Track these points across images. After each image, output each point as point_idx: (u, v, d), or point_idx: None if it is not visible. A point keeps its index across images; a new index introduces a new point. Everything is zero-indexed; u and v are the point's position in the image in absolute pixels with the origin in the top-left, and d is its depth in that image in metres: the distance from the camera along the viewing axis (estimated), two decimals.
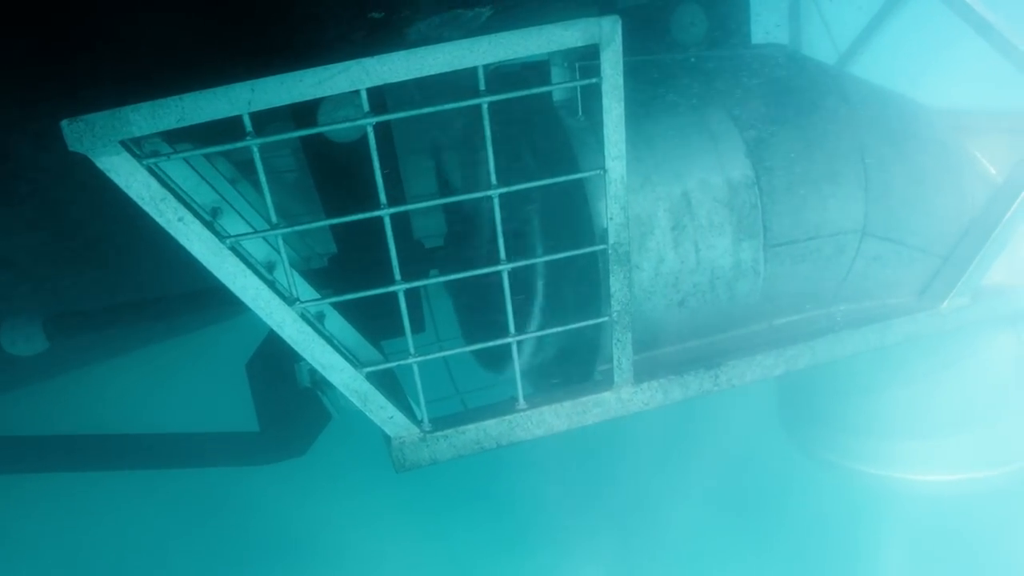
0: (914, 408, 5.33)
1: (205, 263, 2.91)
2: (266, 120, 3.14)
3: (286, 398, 4.43)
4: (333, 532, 8.59)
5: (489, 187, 3.23)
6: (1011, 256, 4.88)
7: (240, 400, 4.73)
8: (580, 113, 3.82)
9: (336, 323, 3.87)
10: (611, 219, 3.38)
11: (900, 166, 4.51)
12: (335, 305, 3.84)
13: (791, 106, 4.31)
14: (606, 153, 3.30)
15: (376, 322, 3.91)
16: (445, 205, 4.76)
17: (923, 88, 6.08)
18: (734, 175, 3.94)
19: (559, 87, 3.54)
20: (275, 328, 3.07)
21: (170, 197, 2.82)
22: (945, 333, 4.62)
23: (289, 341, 3.08)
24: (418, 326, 4.61)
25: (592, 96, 3.27)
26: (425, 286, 6.18)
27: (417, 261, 4.62)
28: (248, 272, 2.94)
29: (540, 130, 3.91)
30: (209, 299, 4.10)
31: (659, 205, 3.79)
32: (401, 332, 4.74)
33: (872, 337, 4.30)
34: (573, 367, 4.13)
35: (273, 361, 4.41)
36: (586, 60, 3.50)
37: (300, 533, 8.48)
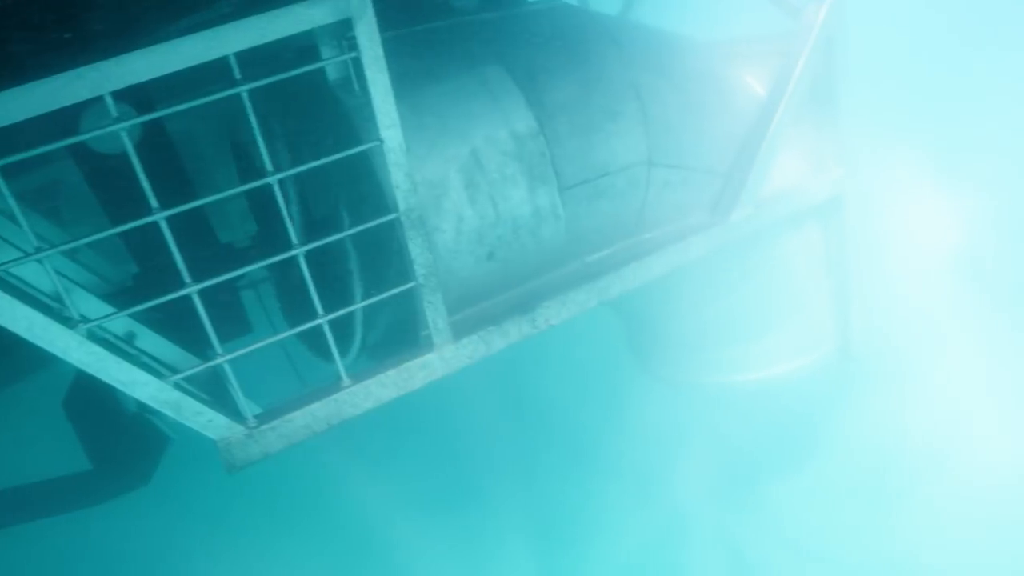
0: (734, 315, 5.84)
1: None
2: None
3: (114, 428, 4.23)
4: (198, 553, 8.33)
5: (289, 180, 3.24)
6: (784, 163, 5.41)
7: (68, 442, 4.48)
8: (357, 89, 3.84)
9: (149, 339, 3.74)
10: (397, 187, 3.46)
11: (675, 97, 4.87)
12: (144, 321, 3.73)
13: (566, 55, 4.53)
14: (379, 123, 3.37)
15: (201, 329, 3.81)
16: (250, 203, 4.67)
17: (698, 23, 6.56)
18: (518, 127, 4.12)
19: (320, 65, 3.52)
20: (60, 355, 2.94)
21: None
22: (739, 242, 5.08)
23: (79, 365, 2.96)
24: (242, 327, 4.52)
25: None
26: (257, 288, 6.09)
27: (228, 263, 4.51)
28: (15, 303, 2.79)
29: (320, 112, 3.91)
30: None
31: (449, 166, 3.91)
32: (237, 333, 4.65)
33: (674, 257, 4.65)
34: (402, 339, 4.21)
35: (92, 392, 4.19)
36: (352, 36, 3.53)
37: (163, 564, 8.15)
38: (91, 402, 4.19)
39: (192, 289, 3.14)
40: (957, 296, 7.26)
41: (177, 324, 3.69)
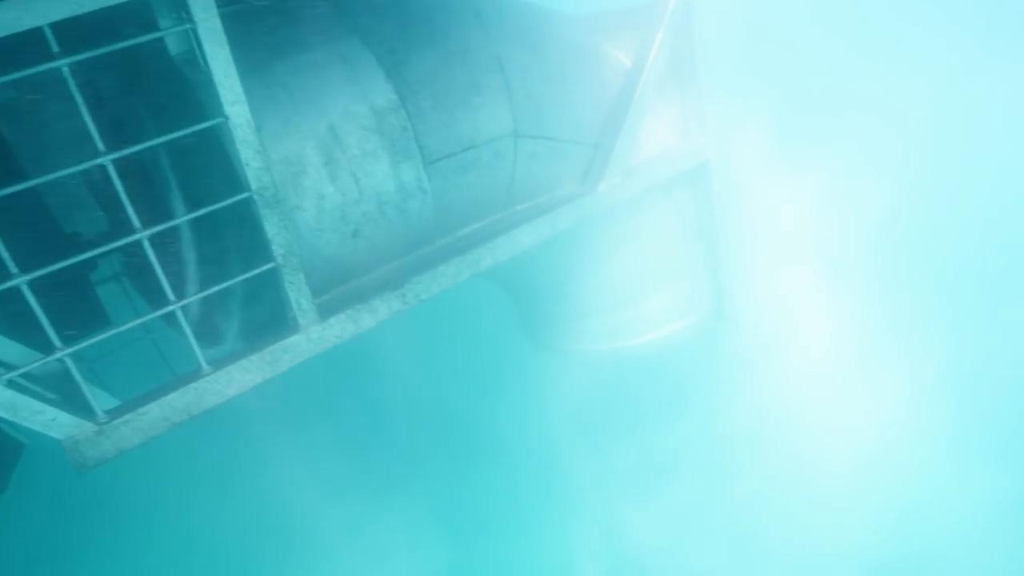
0: (608, 285, 6.00)
1: None
2: None
3: None
4: (61, 562, 7.92)
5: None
6: (651, 133, 5.58)
7: None
8: (202, 64, 3.67)
9: None
10: (247, 165, 3.35)
11: (539, 70, 4.91)
12: None
13: (426, 27, 4.48)
14: (222, 99, 3.24)
15: (57, 324, 3.58)
16: (94, 189, 4.39)
17: None
18: (378, 101, 4.05)
19: (152, 37, 3.30)
20: None
21: None
22: (610, 210, 5.22)
23: None
24: (98, 320, 4.27)
25: None
26: (121, 280, 5.77)
27: (76, 252, 4.24)
28: None
29: (163, 88, 3.72)
30: None
31: (306, 143, 3.80)
32: (93, 327, 4.37)
33: (543, 228, 4.72)
34: (277, 320, 4.10)
35: None
36: None
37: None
38: None
39: (20, 280, 2.93)
40: (819, 265, 7.82)
41: (24, 321, 3.45)
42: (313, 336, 3.70)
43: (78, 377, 3.13)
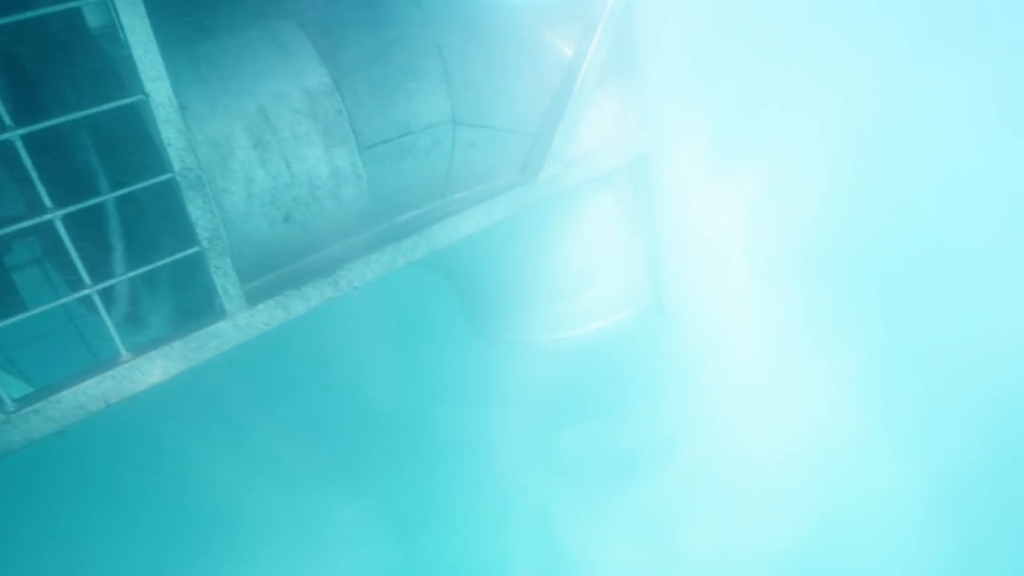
0: (549, 275, 6.02)
1: None
2: None
3: None
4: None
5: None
6: (593, 124, 5.61)
7: None
8: (122, 38, 3.52)
9: None
10: (169, 145, 3.24)
11: (480, 58, 4.88)
12: None
13: (363, 11, 4.40)
14: (141, 76, 3.12)
15: None
16: (8, 169, 4.19)
17: None
18: (311, 83, 3.96)
19: (68, 7, 3.12)
20: None
21: None
22: (549, 201, 5.23)
23: None
24: (11, 304, 4.08)
25: None
26: (44, 265, 5.54)
27: None
28: None
29: (82, 64, 3.56)
30: None
31: (235, 124, 3.70)
32: (6, 312, 4.19)
33: (481, 216, 4.70)
34: (203, 307, 3.98)
35: None
36: None
37: None
38: None
39: None
40: (756, 262, 8.00)
41: None
42: (240, 323, 3.61)
43: None
